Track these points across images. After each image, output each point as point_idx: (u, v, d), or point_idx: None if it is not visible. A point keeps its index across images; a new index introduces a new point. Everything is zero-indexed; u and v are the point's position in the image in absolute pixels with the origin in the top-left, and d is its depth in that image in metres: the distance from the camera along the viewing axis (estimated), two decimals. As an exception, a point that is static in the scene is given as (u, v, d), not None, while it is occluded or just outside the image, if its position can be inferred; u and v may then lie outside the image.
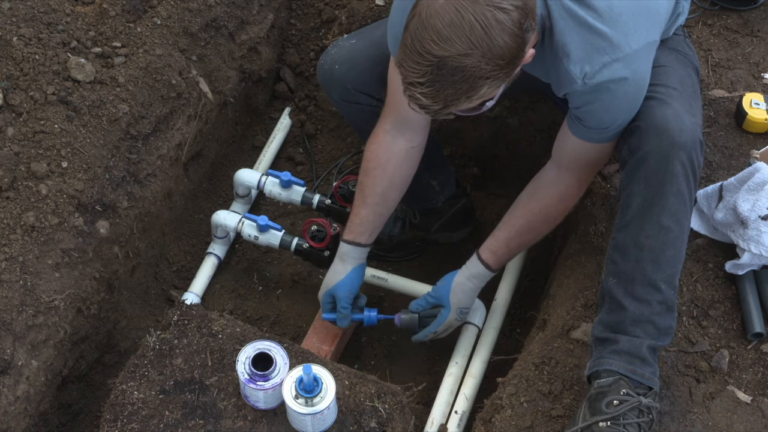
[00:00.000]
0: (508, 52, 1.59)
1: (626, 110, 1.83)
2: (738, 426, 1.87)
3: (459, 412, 2.20)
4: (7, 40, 2.19)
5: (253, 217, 2.46)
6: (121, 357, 2.30)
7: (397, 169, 2.15)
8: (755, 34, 2.49)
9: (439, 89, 1.61)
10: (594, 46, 1.72)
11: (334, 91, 2.25)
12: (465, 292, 2.22)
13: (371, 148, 2.14)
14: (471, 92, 1.62)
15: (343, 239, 2.23)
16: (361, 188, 2.17)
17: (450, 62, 1.57)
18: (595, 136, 1.91)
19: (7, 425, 1.89)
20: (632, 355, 1.80)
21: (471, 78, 1.59)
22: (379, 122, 2.13)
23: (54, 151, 2.11)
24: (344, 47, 2.23)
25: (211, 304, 2.54)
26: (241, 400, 1.92)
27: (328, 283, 2.27)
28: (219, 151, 2.72)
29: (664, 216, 1.79)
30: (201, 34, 2.49)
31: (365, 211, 2.18)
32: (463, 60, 1.56)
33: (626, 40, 1.73)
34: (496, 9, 1.55)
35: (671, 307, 1.83)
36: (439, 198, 2.50)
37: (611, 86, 1.75)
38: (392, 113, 2.09)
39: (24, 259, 1.99)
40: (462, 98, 1.63)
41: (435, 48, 1.56)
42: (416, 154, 2.16)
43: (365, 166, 2.15)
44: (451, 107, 1.65)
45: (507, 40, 1.57)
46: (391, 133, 2.11)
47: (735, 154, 2.25)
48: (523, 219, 2.12)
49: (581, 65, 1.73)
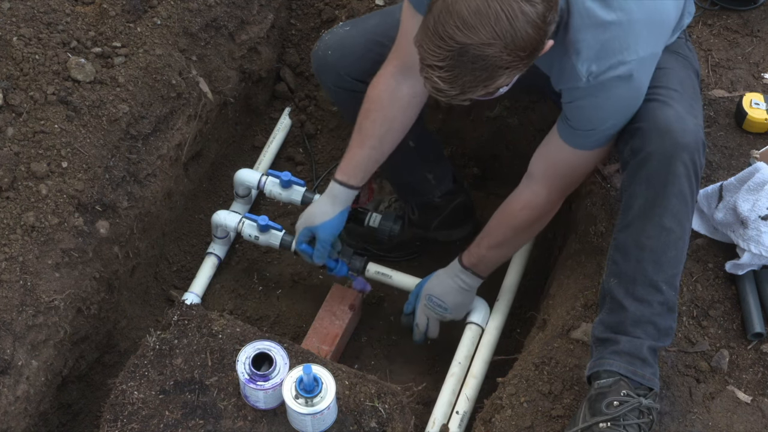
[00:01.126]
0: (530, 44, 1.59)
1: (616, 113, 1.83)
2: (738, 426, 1.87)
3: (460, 412, 2.20)
4: (7, 40, 2.19)
5: (254, 217, 2.46)
6: (121, 357, 2.30)
7: (398, 114, 2.11)
8: (755, 34, 2.49)
9: (458, 75, 1.60)
10: (605, 47, 1.72)
11: (327, 78, 2.25)
12: (439, 283, 2.25)
13: (374, 92, 2.09)
14: (489, 81, 1.62)
15: (336, 179, 2.19)
16: (359, 129, 2.13)
17: (472, 50, 1.56)
18: (578, 140, 1.90)
19: (7, 425, 1.89)
20: (633, 356, 1.80)
21: (491, 67, 1.59)
22: (384, 66, 2.08)
23: (54, 151, 2.11)
24: (338, 34, 2.23)
25: (211, 304, 2.54)
26: (241, 400, 1.92)
27: (313, 220, 2.24)
28: (219, 151, 2.72)
29: (666, 217, 1.79)
30: (201, 34, 2.49)
31: (362, 152, 2.14)
32: (485, 49, 1.56)
33: (636, 46, 1.74)
34: (523, 0, 1.55)
35: (672, 307, 1.83)
36: (435, 192, 2.49)
37: (612, 84, 1.75)
38: (399, 57, 2.05)
39: (24, 259, 1.99)
40: (479, 86, 1.63)
41: (458, 34, 1.55)
42: (418, 103, 2.12)
43: (366, 107, 2.11)
44: (468, 94, 1.64)
45: (530, 32, 1.57)
46: (396, 77, 2.06)
47: (735, 154, 2.25)
48: (493, 221, 2.15)
49: (589, 64, 1.73)
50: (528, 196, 2.05)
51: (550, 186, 2.02)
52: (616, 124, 1.85)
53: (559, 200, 2.06)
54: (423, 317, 2.32)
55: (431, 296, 2.27)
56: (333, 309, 2.44)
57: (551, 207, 2.07)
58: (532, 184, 2.04)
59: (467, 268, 2.21)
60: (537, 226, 2.12)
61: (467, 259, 2.21)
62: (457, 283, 2.24)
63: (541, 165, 2.02)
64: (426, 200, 2.52)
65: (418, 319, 2.32)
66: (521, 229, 2.12)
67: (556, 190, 2.03)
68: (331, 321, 2.42)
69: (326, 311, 2.44)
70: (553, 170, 2.00)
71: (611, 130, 1.86)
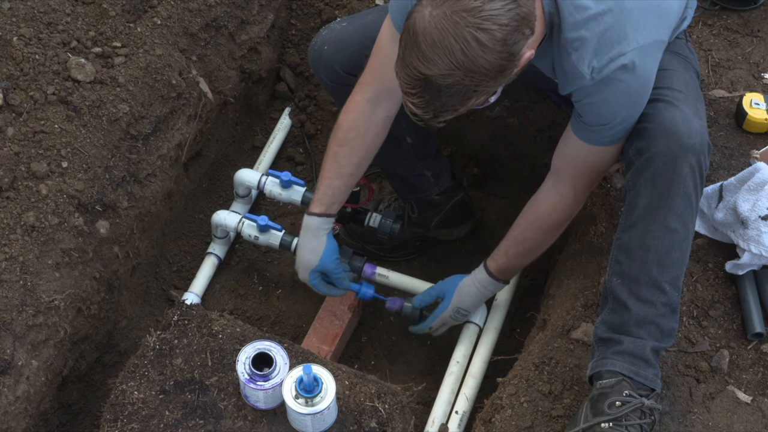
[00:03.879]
0: (492, 69, 1.60)
1: (627, 105, 1.81)
2: (738, 426, 1.87)
3: (459, 412, 2.20)
4: (7, 40, 2.18)
5: (254, 217, 2.46)
6: (121, 357, 2.30)
7: (374, 140, 2.11)
8: (755, 34, 2.49)
9: (429, 102, 1.64)
10: (602, 40, 1.71)
11: (323, 72, 2.25)
12: (468, 295, 2.23)
13: (350, 117, 2.08)
14: (461, 105, 1.65)
15: (313, 213, 2.16)
16: (335, 158, 2.10)
17: (435, 80, 1.60)
18: (594, 137, 1.89)
19: (7, 425, 1.89)
20: (636, 357, 1.80)
21: (458, 93, 1.62)
22: (358, 90, 2.08)
23: (54, 151, 2.11)
24: (335, 29, 2.24)
25: (211, 304, 2.54)
26: (241, 400, 1.92)
27: (312, 263, 2.21)
28: (219, 151, 2.72)
29: (670, 217, 1.78)
30: (201, 34, 2.49)
31: (339, 182, 2.13)
32: (445, 79, 1.59)
33: (634, 34, 1.72)
34: (478, 30, 1.55)
35: (675, 309, 1.83)
36: (433, 189, 2.49)
37: (617, 76, 1.74)
38: (373, 83, 2.05)
39: (24, 259, 1.99)
40: (451, 111, 1.66)
41: (420, 66, 1.59)
42: (390, 121, 2.13)
43: (342, 136, 2.09)
44: (441, 117, 1.68)
45: (489, 58, 1.58)
46: (371, 102, 2.06)
47: (735, 154, 2.25)
48: (519, 228, 2.12)
49: (589, 60, 1.72)
50: (555, 197, 2.03)
51: (574, 185, 2.01)
52: (629, 116, 1.83)
53: (584, 198, 2.06)
54: (441, 324, 2.31)
55: (459, 309, 2.26)
56: (333, 309, 2.44)
57: (578, 205, 2.06)
58: (558, 185, 2.02)
59: (497, 279, 2.20)
60: (565, 226, 2.11)
61: (495, 268, 2.18)
62: (483, 293, 2.24)
63: (563, 165, 2.00)
64: (424, 197, 2.52)
65: (435, 325, 2.31)
66: (550, 232, 2.10)
67: (581, 188, 2.02)
68: (331, 321, 2.42)
69: (326, 311, 2.44)
70: (575, 169, 1.99)
71: (626, 122, 1.84)
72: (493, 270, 2.18)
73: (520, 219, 2.12)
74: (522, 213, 2.12)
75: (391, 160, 2.41)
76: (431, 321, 2.31)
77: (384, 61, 1.91)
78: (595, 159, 1.95)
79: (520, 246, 2.13)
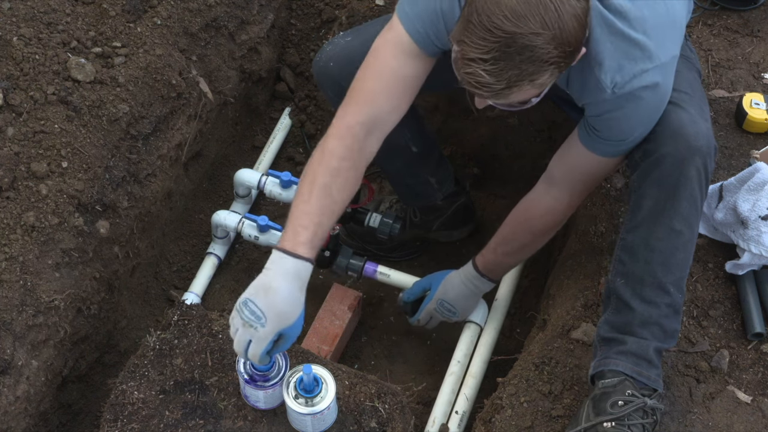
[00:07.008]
0: (575, 39, 1.57)
1: (646, 122, 1.81)
2: (738, 426, 1.87)
3: (459, 412, 2.20)
4: (7, 40, 2.18)
5: (254, 217, 2.46)
6: (121, 357, 2.30)
7: (362, 174, 1.88)
8: (755, 34, 2.49)
9: (504, 68, 1.55)
10: (627, 56, 1.70)
11: (329, 89, 2.23)
12: (453, 287, 2.24)
13: (345, 143, 1.82)
14: (534, 75, 1.57)
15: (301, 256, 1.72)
16: (327, 191, 1.77)
17: (520, 40, 1.53)
18: (607, 149, 1.88)
19: (7, 425, 1.89)
20: (639, 357, 1.80)
21: (537, 60, 1.55)
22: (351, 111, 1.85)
23: (54, 151, 2.11)
24: (339, 44, 2.21)
25: (211, 304, 2.54)
26: (241, 400, 1.92)
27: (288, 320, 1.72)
28: (219, 151, 2.72)
29: (676, 219, 1.78)
30: (201, 34, 2.49)
31: (330, 222, 1.79)
32: (534, 39, 1.53)
33: (658, 51, 1.72)
34: (564, 1, 1.53)
35: (678, 310, 1.83)
36: (437, 195, 2.49)
37: (640, 94, 1.73)
38: (373, 104, 1.85)
39: (24, 259, 1.99)
40: (525, 80, 1.58)
41: (507, 24, 1.52)
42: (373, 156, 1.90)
43: (337, 165, 1.80)
44: (513, 88, 1.59)
45: (576, 25, 1.55)
46: (366, 126, 1.84)
47: (735, 154, 2.25)
48: (508, 227, 2.12)
49: (612, 75, 1.70)
50: (549, 202, 2.03)
51: (572, 191, 2.00)
52: (644, 131, 1.82)
53: (579, 204, 2.05)
54: (428, 317, 2.33)
55: (443, 301, 2.26)
56: (333, 309, 2.44)
57: (572, 210, 2.06)
58: (553, 190, 2.01)
59: (483, 275, 2.20)
60: (556, 229, 2.10)
61: (482, 265, 2.19)
62: (470, 288, 2.24)
63: (564, 171, 1.99)
64: (428, 203, 2.52)
65: (421, 316, 2.33)
66: (541, 235, 2.10)
67: (578, 195, 2.01)
68: (331, 321, 2.42)
69: (326, 311, 2.44)
70: (576, 177, 1.98)
71: (640, 137, 1.83)
72: (480, 265, 2.18)
73: (511, 218, 2.12)
74: (513, 212, 2.11)
75: (396, 169, 2.40)
76: (419, 313, 2.32)
77: (385, 83, 1.81)
78: (599, 169, 1.95)
79: (509, 245, 2.14)
